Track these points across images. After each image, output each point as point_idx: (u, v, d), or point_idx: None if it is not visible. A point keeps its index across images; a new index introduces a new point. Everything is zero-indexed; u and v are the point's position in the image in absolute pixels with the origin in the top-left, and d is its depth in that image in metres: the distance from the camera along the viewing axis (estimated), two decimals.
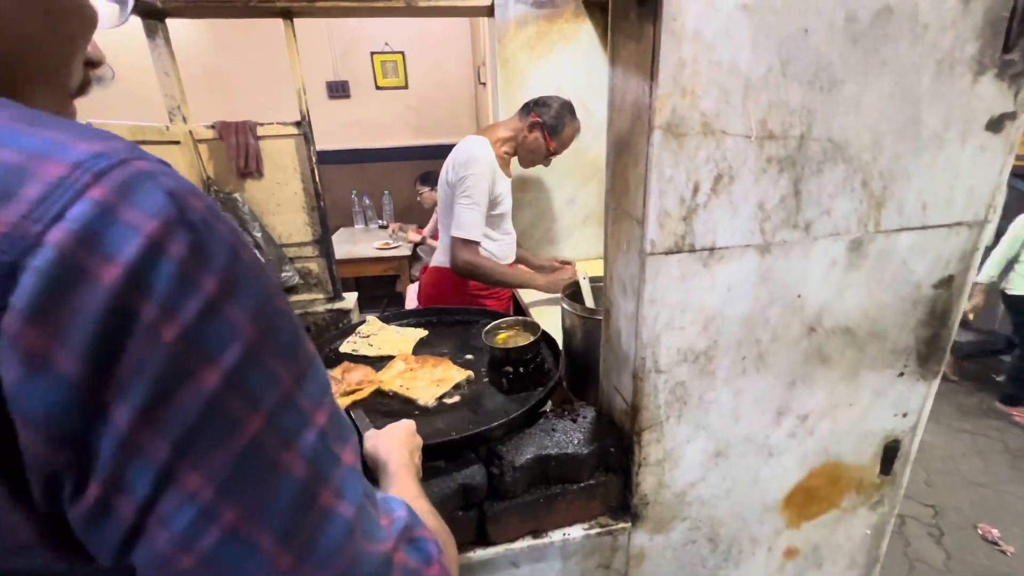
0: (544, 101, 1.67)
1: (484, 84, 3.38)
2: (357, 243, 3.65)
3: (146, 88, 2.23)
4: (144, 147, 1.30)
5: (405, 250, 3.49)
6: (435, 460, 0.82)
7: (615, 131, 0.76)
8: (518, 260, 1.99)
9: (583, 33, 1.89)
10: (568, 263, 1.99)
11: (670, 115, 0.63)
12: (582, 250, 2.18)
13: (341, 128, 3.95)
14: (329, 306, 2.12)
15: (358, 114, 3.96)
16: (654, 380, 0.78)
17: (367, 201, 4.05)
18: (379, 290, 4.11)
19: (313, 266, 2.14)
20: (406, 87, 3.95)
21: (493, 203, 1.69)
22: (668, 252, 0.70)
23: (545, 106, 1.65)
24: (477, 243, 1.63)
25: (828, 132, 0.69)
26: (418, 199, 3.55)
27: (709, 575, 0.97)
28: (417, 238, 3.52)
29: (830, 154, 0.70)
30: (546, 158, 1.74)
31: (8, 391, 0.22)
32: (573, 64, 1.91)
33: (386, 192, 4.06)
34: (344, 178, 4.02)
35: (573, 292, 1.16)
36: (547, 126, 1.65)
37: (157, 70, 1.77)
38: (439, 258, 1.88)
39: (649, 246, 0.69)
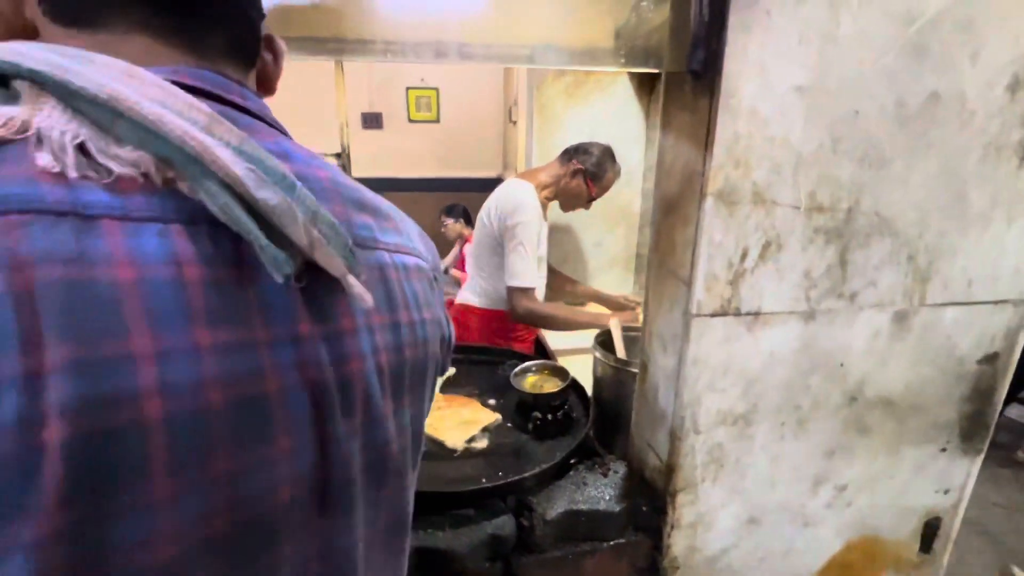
0: (585, 148, 1.71)
1: (515, 123, 3.50)
2: None
3: None
4: None
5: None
6: (464, 508, 0.81)
7: (663, 192, 0.78)
8: (587, 295, 1.99)
9: (619, 84, 1.96)
10: (637, 303, 1.92)
11: (723, 184, 0.65)
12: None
13: (372, 157, 4.08)
14: None
15: (389, 145, 4.10)
16: (692, 441, 0.77)
17: None
18: None
19: None
20: (437, 121, 4.09)
21: None
22: (713, 314, 0.71)
23: (587, 153, 1.69)
24: (534, 288, 1.64)
25: (876, 207, 0.70)
26: (442, 230, 3.62)
27: None
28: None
29: (877, 228, 0.71)
30: (587, 203, 1.77)
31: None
32: (608, 113, 1.97)
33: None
34: None
35: (604, 340, 1.16)
36: (589, 173, 1.68)
37: None
38: (466, 296, 1.89)
39: (695, 307, 0.70)
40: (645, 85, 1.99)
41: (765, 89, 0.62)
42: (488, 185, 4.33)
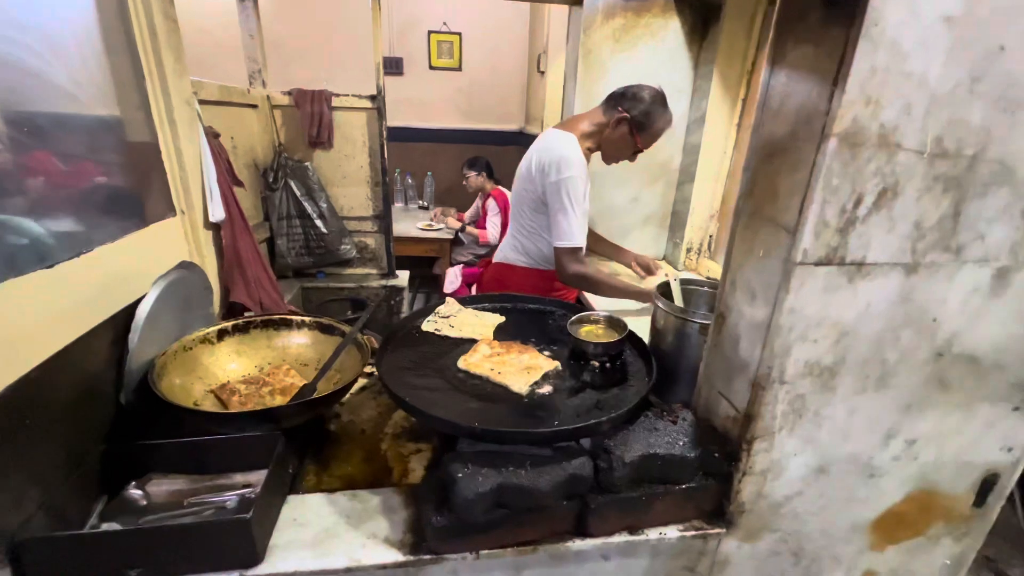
0: (633, 93, 1.53)
1: (543, 73, 3.35)
2: (398, 222, 3.65)
3: (207, 51, 2.22)
4: (226, 108, 1.33)
5: (447, 233, 3.50)
6: (541, 447, 0.82)
7: (766, 134, 0.74)
8: (612, 252, 1.93)
9: (670, 30, 1.86)
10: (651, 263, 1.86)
11: (849, 124, 0.62)
12: (640, 249, 2.15)
13: (391, 105, 3.93)
14: (383, 282, 2.14)
15: (409, 92, 3.96)
16: (776, 391, 0.77)
17: (410, 180, 4.05)
18: (414, 270, 4.12)
19: (370, 241, 2.15)
20: (460, 69, 3.93)
21: None
22: (818, 263, 0.69)
23: (634, 99, 1.53)
24: (582, 249, 1.55)
25: (1001, 155, 0.66)
26: (464, 183, 3.54)
27: None
28: (458, 225, 3.52)
29: (997, 177, 0.68)
30: (633, 155, 1.63)
31: None
32: (656, 60, 1.88)
33: (429, 173, 4.06)
34: (388, 156, 4.03)
35: (666, 291, 1.15)
36: (636, 122, 1.52)
37: (243, 32, 1.78)
38: (507, 254, 1.82)
39: (800, 255, 0.68)
40: (697, 32, 1.89)
41: (912, 17, 0.57)
42: (509, 139, 4.24)
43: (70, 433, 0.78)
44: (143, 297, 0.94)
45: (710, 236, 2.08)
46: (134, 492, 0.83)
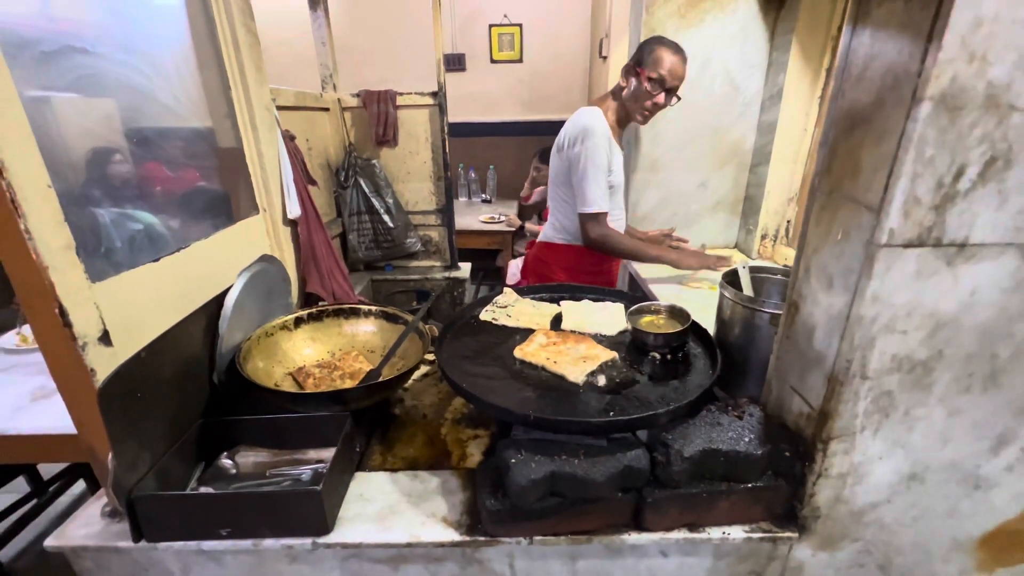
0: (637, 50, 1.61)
1: (605, 58, 3.26)
2: (461, 216, 3.74)
3: (285, 61, 2.35)
4: (301, 112, 1.42)
5: (509, 227, 3.51)
6: (596, 437, 0.81)
7: (846, 103, 0.67)
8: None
9: (741, 2, 1.73)
10: (672, 234, 1.85)
11: (947, 84, 0.54)
12: (709, 237, 2.05)
13: (453, 101, 4.02)
14: (446, 274, 2.20)
15: (472, 87, 4.02)
16: (856, 387, 0.70)
17: (472, 175, 4.12)
18: (477, 263, 4.19)
19: (434, 234, 2.22)
20: (520, 61, 3.92)
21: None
22: (907, 245, 0.62)
23: (635, 52, 1.60)
24: (606, 213, 1.60)
25: None
26: (535, 174, 3.45)
27: None
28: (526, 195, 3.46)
29: None
30: (657, 96, 1.55)
31: None
32: (725, 36, 1.76)
33: (491, 167, 4.11)
34: (451, 151, 4.12)
35: (732, 280, 1.08)
36: (634, 62, 1.57)
37: (316, 39, 1.89)
38: (548, 233, 1.86)
39: (885, 236, 0.61)
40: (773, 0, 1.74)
41: None
42: None
43: (173, 408, 0.88)
44: (231, 287, 1.04)
45: (788, 221, 1.93)
46: (226, 461, 0.93)
